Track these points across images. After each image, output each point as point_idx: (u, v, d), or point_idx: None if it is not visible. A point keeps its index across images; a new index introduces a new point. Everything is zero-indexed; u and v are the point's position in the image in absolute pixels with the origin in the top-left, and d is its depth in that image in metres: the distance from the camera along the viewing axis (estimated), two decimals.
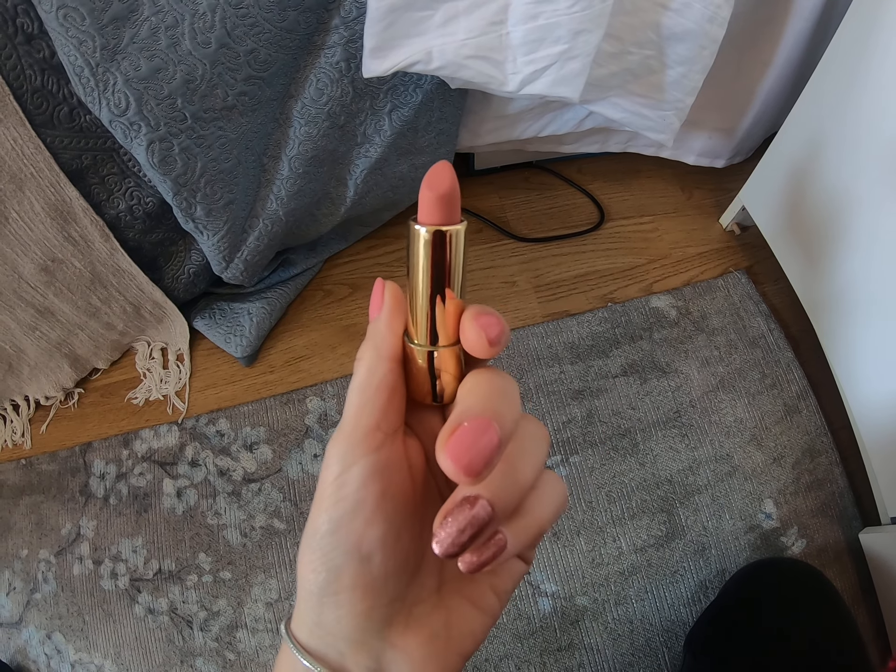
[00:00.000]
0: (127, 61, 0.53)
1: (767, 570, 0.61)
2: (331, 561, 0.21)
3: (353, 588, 0.21)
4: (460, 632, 0.23)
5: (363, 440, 0.22)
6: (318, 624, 0.22)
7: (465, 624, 0.23)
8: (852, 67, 0.63)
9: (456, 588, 0.24)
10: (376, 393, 0.22)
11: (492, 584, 0.24)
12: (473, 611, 0.24)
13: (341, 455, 0.22)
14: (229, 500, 0.78)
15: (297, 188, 0.72)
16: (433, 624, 0.23)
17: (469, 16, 0.55)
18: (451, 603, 0.24)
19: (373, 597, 0.22)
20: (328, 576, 0.21)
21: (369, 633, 0.22)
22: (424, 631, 0.23)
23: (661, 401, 0.83)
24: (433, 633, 0.23)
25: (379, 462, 0.22)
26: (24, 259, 0.68)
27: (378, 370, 0.22)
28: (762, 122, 0.88)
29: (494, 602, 0.24)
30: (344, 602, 0.21)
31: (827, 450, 0.80)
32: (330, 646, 0.22)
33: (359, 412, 0.22)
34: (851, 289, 0.70)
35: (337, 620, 0.21)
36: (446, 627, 0.23)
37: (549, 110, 0.79)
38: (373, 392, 0.22)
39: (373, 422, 0.22)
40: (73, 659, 0.72)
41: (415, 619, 0.23)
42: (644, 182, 1.03)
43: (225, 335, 0.84)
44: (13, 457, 0.82)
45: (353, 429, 0.22)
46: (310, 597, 0.22)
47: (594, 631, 0.72)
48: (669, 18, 0.63)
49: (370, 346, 0.23)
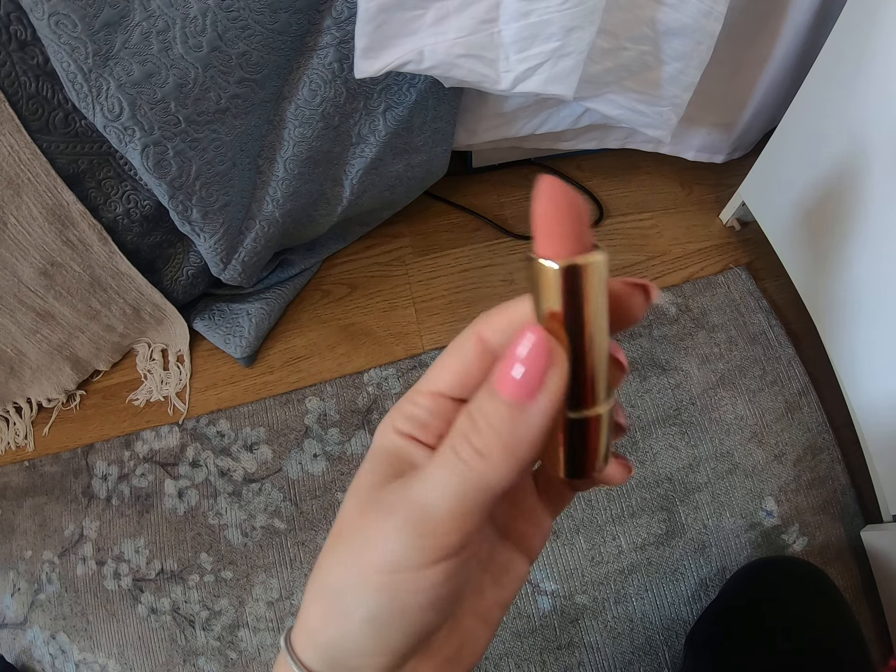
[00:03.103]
0: (119, 66, 0.53)
1: (769, 568, 0.60)
2: (381, 635, 0.19)
3: (394, 653, 0.19)
4: (470, 650, 0.23)
5: (453, 545, 0.18)
6: (336, 663, 0.20)
7: (475, 642, 0.23)
8: (852, 60, 0.62)
9: (469, 608, 0.23)
10: (489, 505, 0.17)
11: (498, 598, 0.24)
12: (482, 627, 0.23)
13: (420, 552, 0.17)
14: (230, 500, 0.79)
15: (293, 189, 0.72)
16: (449, 649, 0.22)
17: (460, 14, 0.55)
18: (465, 624, 0.23)
19: (410, 654, 0.20)
20: (373, 644, 0.19)
21: (389, 670, 0.20)
22: (440, 657, 0.22)
23: (661, 398, 0.83)
24: (448, 657, 0.22)
25: (462, 561, 0.18)
26: (24, 263, 0.69)
27: (504, 484, 0.17)
28: (762, 116, 0.87)
29: (499, 614, 0.24)
30: (378, 661, 0.19)
31: (828, 447, 0.80)
32: None
33: (459, 521, 0.17)
34: (854, 285, 0.69)
35: (363, 666, 0.19)
36: (459, 649, 0.22)
37: (545, 108, 0.78)
38: (486, 504, 0.17)
39: (471, 532, 0.18)
40: (77, 659, 0.73)
41: (432, 647, 0.21)
42: (643, 178, 1.02)
43: (224, 336, 0.84)
44: (16, 459, 0.83)
45: (444, 533, 0.17)
46: (336, 646, 0.19)
47: (594, 629, 0.72)
48: (665, 14, 0.62)
49: (504, 446, 0.16)
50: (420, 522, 0.17)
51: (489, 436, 0.17)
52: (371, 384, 0.85)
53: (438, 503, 0.17)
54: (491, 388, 0.17)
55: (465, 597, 0.23)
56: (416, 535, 0.17)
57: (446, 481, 0.17)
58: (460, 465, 0.17)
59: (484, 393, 0.17)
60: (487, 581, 0.24)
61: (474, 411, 0.17)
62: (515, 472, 0.17)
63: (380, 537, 0.18)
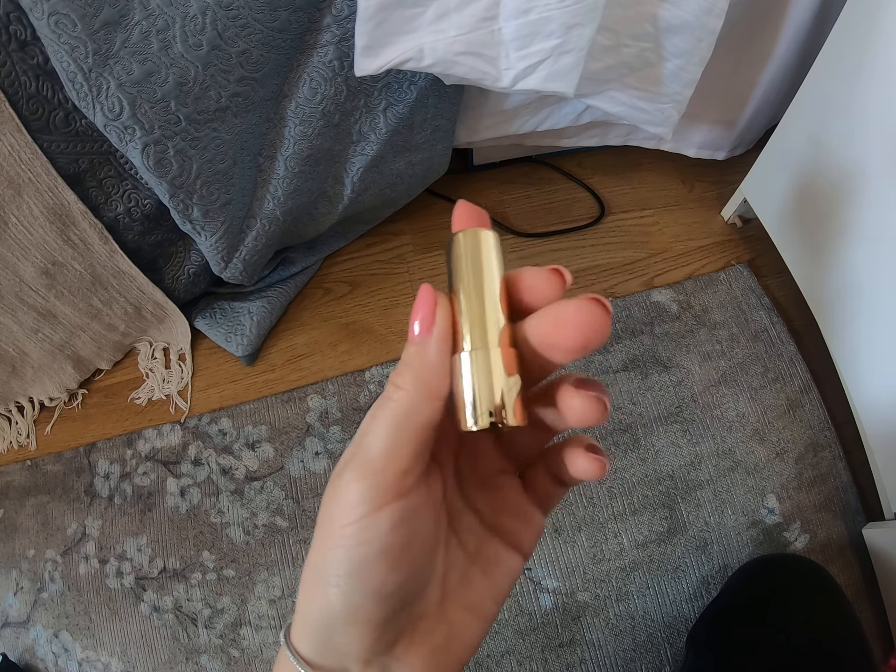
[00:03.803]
0: (119, 66, 0.53)
1: (770, 566, 0.60)
2: (348, 598, 0.20)
3: (368, 622, 0.21)
4: (460, 641, 0.23)
5: (394, 483, 0.20)
6: (325, 645, 0.22)
7: (465, 633, 0.24)
8: (854, 57, 0.62)
9: (457, 599, 0.24)
10: (416, 434, 0.20)
11: (490, 591, 0.24)
12: (473, 620, 0.24)
13: (367, 495, 0.20)
14: (232, 498, 0.79)
15: (294, 187, 0.72)
16: (436, 637, 0.23)
17: (460, 12, 0.55)
18: (453, 614, 0.23)
19: (386, 627, 0.21)
20: (344, 609, 0.21)
21: (377, 653, 0.22)
22: (428, 644, 0.23)
23: (663, 396, 0.83)
24: (436, 646, 0.23)
25: (408, 508, 0.20)
26: (25, 263, 0.69)
27: (423, 410, 0.20)
28: (763, 113, 0.87)
29: (493, 608, 0.24)
30: (357, 632, 0.21)
31: (830, 444, 0.80)
32: (336, 662, 0.22)
33: (392, 452, 0.20)
34: (856, 282, 0.69)
35: (347, 644, 0.21)
36: (447, 639, 0.23)
37: (546, 105, 0.78)
38: (412, 433, 0.20)
39: (407, 465, 0.20)
40: (80, 657, 0.73)
41: (419, 633, 0.23)
42: (645, 175, 1.02)
43: (226, 334, 0.84)
44: (19, 458, 0.83)
45: (382, 468, 0.20)
46: (318, 622, 0.21)
47: (596, 627, 0.72)
48: (666, 10, 0.62)
49: (415, 377, 0.20)
50: (364, 463, 0.20)
51: (404, 372, 0.20)
52: (373, 382, 0.85)
53: (375, 441, 0.20)
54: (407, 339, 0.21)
55: (448, 582, 0.24)
56: (363, 477, 0.20)
57: (379, 420, 0.20)
58: (387, 402, 0.20)
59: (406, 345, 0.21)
60: (476, 573, 0.24)
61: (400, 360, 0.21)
62: (429, 399, 0.20)
63: (341, 491, 0.20)
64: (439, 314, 0.20)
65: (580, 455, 0.23)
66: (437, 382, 0.20)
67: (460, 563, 0.24)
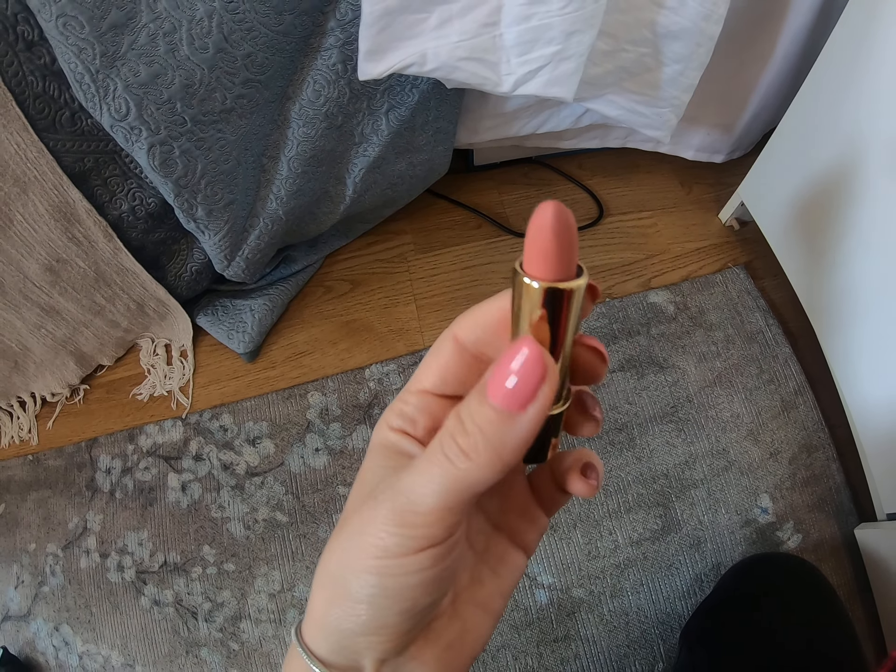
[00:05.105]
0: (126, 67, 0.54)
1: (763, 564, 0.61)
2: (378, 614, 0.20)
3: (392, 632, 0.21)
4: (472, 637, 0.24)
5: (440, 535, 0.19)
6: (343, 647, 0.21)
7: (477, 629, 0.24)
8: (852, 62, 0.63)
9: (468, 597, 0.24)
10: (473, 499, 0.19)
11: (499, 588, 0.25)
12: (483, 616, 0.24)
13: (408, 544, 0.19)
14: (233, 493, 0.80)
15: (297, 188, 0.73)
16: (449, 635, 0.23)
17: (462, 18, 0.55)
18: (465, 612, 0.24)
19: (409, 635, 0.21)
20: (371, 623, 0.20)
21: (394, 654, 0.22)
22: (441, 642, 0.23)
23: (659, 396, 0.84)
24: (449, 642, 0.23)
25: (449, 545, 0.19)
26: (30, 260, 0.70)
27: (489, 481, 0.18)
28: (761, 117, 0.88)
29: (501, 604, 0.25)
30: (379, 639, 0.21)
31: (824, 445, 0.81)
32: (351, 661, 0.22)
33: (444, 514, 0.19)
34: (851, 286, 0.70)
35: (366, 648, 0.21)
36: (460, 635, 0.23)
37: (546, 107, 0.79)
38: (471, 499, 0.19)
39: (458, 519, 0.19)
40: (80, 650, 0.74)
41: (433, 632, 0.23)
42: (643, 177, 1.03)
43: (227, 331, 0.85)
44: (20, 453, 0.84)
45: (429, 523, 0.19)
46: (340, 631, 0.21)
47: (590, 622, 0.73)
48: (665, 16, 0.63)
49: (490, 450, 0.17)
50: (407, 514, 0.19)
51: (476, 438, 0.17)
52: (372, 379, 0.86)
53: (424, 498, 0.18)
54: (482, 395, 0.17)
55: (460, 582, 0.24)
56: (403, 526, 0.19)
57: (432, 477, 0.18)
58: (446, 464, 0.18)
59: (474, 398, 0.18)
60: (486, 572, 0.25)
61: (463, 414, 0.18)
62: (498, 474, 0.18)
63: (372, 526, 0.19)
64: (543, 392, 0.17)
65: (575, 476, 0.24)
66: (513, 460, 0.18)
67: (470, 562, 0.25)
